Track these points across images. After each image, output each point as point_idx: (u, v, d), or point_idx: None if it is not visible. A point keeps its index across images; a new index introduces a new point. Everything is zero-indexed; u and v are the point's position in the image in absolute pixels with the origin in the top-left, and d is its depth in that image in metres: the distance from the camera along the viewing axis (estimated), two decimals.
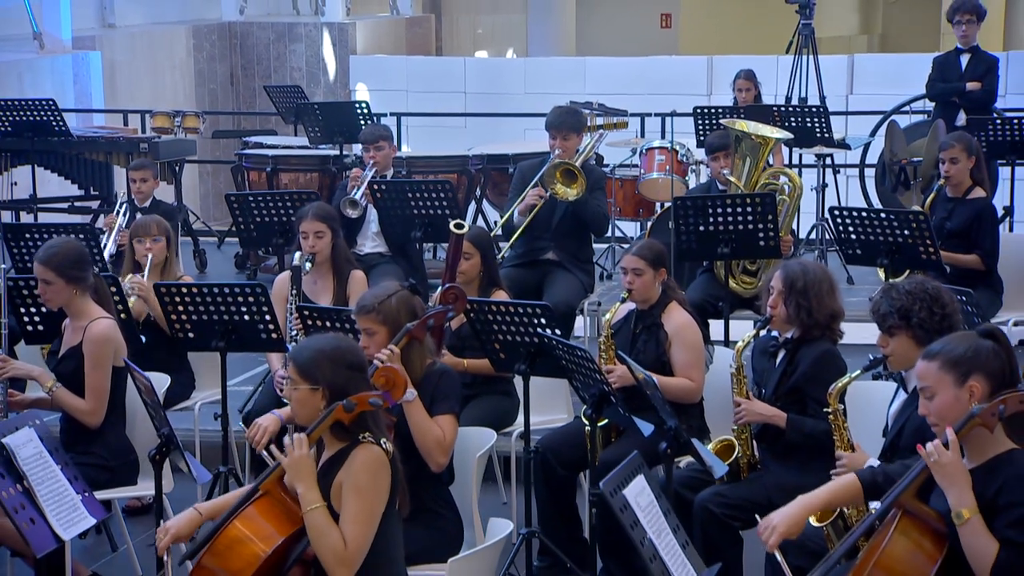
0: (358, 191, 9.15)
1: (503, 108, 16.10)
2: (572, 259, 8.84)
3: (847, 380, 5.41)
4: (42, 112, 11.69)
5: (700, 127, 11.16)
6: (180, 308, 6.89)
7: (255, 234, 8.99)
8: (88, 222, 10.98)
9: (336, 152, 11.52)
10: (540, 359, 6.43)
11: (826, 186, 11.51)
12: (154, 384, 5.71)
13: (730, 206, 8.10)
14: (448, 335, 6.88)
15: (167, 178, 11.77)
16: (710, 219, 8.11)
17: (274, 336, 6.92)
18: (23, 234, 8.67)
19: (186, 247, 11.81)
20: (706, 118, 11.11)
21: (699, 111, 11.26)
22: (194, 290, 6.90)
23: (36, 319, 7.10)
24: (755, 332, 6.22)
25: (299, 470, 4.59)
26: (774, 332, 6.17)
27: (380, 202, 8.91)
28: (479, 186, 11.24)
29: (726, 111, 11.09)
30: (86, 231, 8.68)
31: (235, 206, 8.92)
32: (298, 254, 7.49)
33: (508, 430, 7.04)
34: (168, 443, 5.43)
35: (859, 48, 28.07)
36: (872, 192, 12.83)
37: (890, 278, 8.13)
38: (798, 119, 10.84)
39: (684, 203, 8.26)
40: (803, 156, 11.88)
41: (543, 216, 8.70)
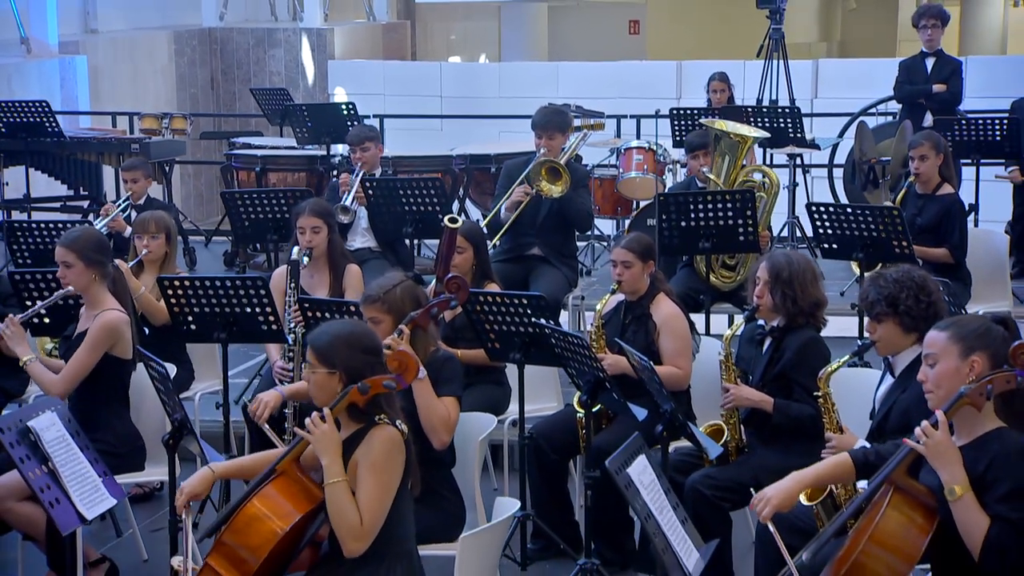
0: (347, 197, 9.18)
1: (478, 111, 16.18)
2: (557, 254, 8.91)
3: (836, 365, 5.51)
4: (36, 114, 11.70)
5: (676, 128, 11.25)
6: (183, 301, 6.93)
7: (250, 231, 9.03)
8: (80, 220, 11.00)
9: (323, 152, 11.57)
10: (534, 348, 6.52)
11: (796, 185, 11.64)
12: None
13: (711, 202, 8.18)
14: (442, 327, 6.94)
15: (157, 178, 11.78)
16: (692, 215, 8.19)
17: (274, 328, 6.97)
18: (22, 232, 8.67)
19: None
20: (682, 119, 11.21)
21: (675, 112, 11.36)
22: (197, 283, 6.93)
23: (42, 312, 7.11)
24: (743, 321, 6.32)
25: (326, 444, 4.65)
26: (760, 320, 6.26)
27: (372, 199, 8.95)
28: (462, 185, 11.31)
29: (701, 112, 11.19)
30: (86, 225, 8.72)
31: (230, 203, 8.96)
32: (296, 248, 7.53)
33: (500, 418, 7.09)
34: (181, 428, 5.48)
35: (819, 54, 28.22)
36: (840, 191, 12.96)
37: (864, 271, 8.25)
38: (771, 120, 10.95)
39: (667, 199, 8.34)
40: (774, 156, 11.98)
41: (529, 213, 8.78)
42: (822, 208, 8.36)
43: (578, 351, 6.06)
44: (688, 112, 11.23)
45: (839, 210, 8.23)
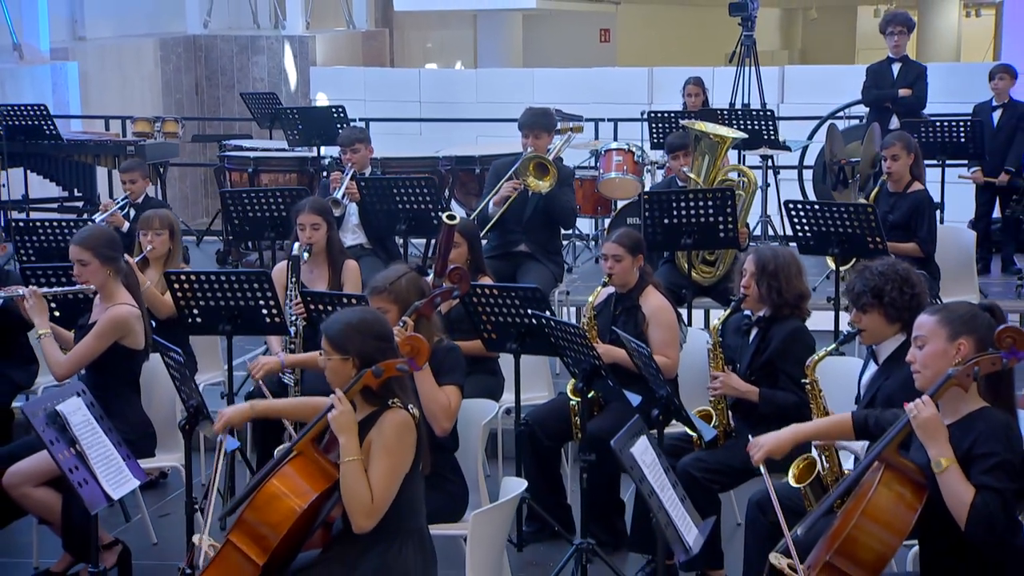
0: (338, 191, 9.24)
1: (456, 116, 16.28)
2: (543, 250, 9.01)
3: (823, 354, 5.61)
4: (34, 117, 11.73)
5: (653, 130, 11.35)
6: (189, 294, 6.98)
7: (248, 228, 9.08)
8: (78, 219, 11.01)
9: (313, 154, 11.62)
10: (529, 339, 6.60)
11: (768, 185, 11.76)
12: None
13: (693, 200, 8.28)
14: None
15: (152, 179, 11.81)
16: (674, 212, 8.28)
17: (277, 320, 7.04)
18: (28, 231, 8.70)
19: None
20: (659, 122, 11.31)
21: (652, 115, 11.45)
22: (202, 277, 6.98)
23: (52, 305, 7.15)
24: (730, 311, 6.41)
25: (344, 423, 4.71)
26: (747, 311, 6.36)
27: (367, 197, 9.02)
28: (448, 185, 11.38)
29: (678, 115, 11.29)
30: (89, 223, 8.75)
31: (229, 202, 9.01)
32: (296, 245, 7.59)
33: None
34: (197, 414, 5.53)
35: (781, 61, 28.48)
36: (809, 190, 13.09)
37: (840, 266, 8.37)
38: (744, 123, 11.05)
39: (651, 198, 8.44)
40: (746, 158, 12.08)
41: (515, 210, 8.86)
42: (800, 205, 8.45)
43: (574, 340, 6.14)
44: (665, 115, 11.32)
45: (816, 207, 8.31)
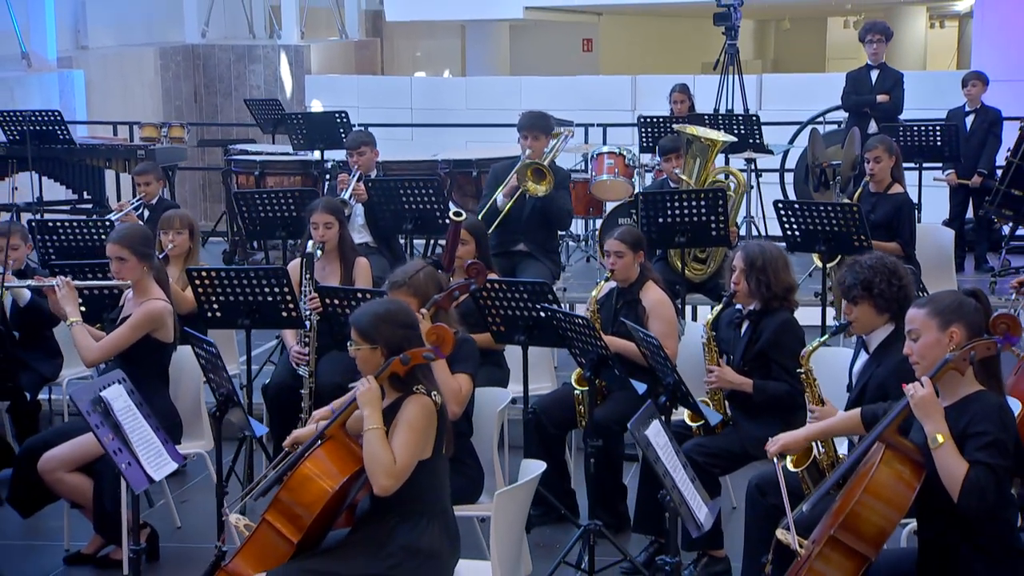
0: (345, 192, 9.32)
1: (446, 122, 16.40)
2: (540, 249, 9.11)
3: (817, 344, 5.71)
4: (49, 123, 11.79)
5: (643, 135, 11.47)
6: (210, 290, 7.08)
7: (259, 228, 9.16)
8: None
9: (317, 157, 11.70)
10: (536, 331, 6.71)
11: (751, 187, 11.86)
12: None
13: (686, 200, 8.38)
14: None
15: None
16: (668, 212, 8.38)
17: (293, 315, 7.13)
18: (51, 231, 8.78)
19: None
20: (648, 127, 11.43)
21: (642, 120, 11.57)
22: (223, 274, 7.09)
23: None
24: (722, 306, 6.52)
25: (369, 398, 4.82)
26: (738, 305, 6.47)
27: (373, 198, 9.11)
28: (446, 188, 11.46)
29: (666, 120, 11.41)
30: (105, 223, 8.84)
31: (241, 203, 9.09)
32: (311, 243, 7.68)
33: None
34: (227, 402, 5.63)
35: (755, 70, 28.59)
36: (791, 192, 13.21)
37: (826, 263, 8.48)
38: (730, 127, 11.15)
39: (646, 198, 8.54)
40: (730, 161, 12.18)
41: (515, 212, 8.97)
42: (788, 205, 8.56)
43: (582, 332, 6.24)
44: (655, 120, 11.44)
45: (804, 207, 8.42)
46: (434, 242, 10.99)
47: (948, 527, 4.55)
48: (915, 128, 10.93)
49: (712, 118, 11.35)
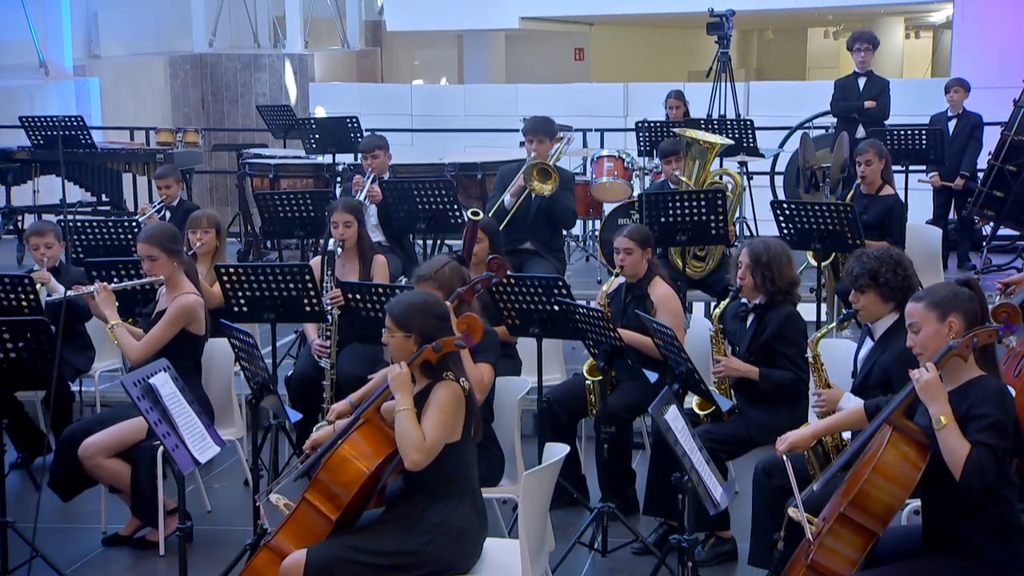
0: (360, 194, 9.40)
1: (445, 128, 16.49)
2: (546, 247, 9.22)
3: (824, 331, 5.82)
4: (72, 128, 11.87)
5: (640, 139, 11.58)
6: (237, 286, 7.17)
7: (278, 227, 9.24)
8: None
9: (329, 161, 11.79)
10: (550, 324, 6.80)
11: (744, 189, 11.98)
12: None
13: (686, 201, 8.49)
14: None
15: None
16: (669, 212, 8.49)
17: (316, 309, 7.23)
18: (78, 231, 8.87)
19: None
20: (646, 132, 11.54)
21: (640, 125, 11.67)
22: (249, 270, 7.18)
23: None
24: (728, 300, 6.62)
25: (400, 382, 4.93)
26: (743, 299, 6.57)
27: (388, 198, 9.20)
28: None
29: (663, 125, 11.52)
30: (131, 223, 8.92)
31: (262, 204, 9.18)
32: (332, 240, 7.77)
33: None
34: (262, 390, 5.72)
35: (738, 78, 28.72)
36: (780, 194, 13.32)
37: (820, 261, 8.59)
38: (724, 131, 11.27)
39: (648, 198, 8.64)
40: (723, 163, 12.29)
41: (521, 212, 9.08)
42: (784, 204, 8.67)
43: (597, 323, 6.34)
44: (653, 125, 11.55)
45: (799, 207, 8.53)
46: (441, 241, 11.07)
47: (951, 504, 4.66)
48: (902, 132, 11.04)
49: (707, 123, 11.47)
